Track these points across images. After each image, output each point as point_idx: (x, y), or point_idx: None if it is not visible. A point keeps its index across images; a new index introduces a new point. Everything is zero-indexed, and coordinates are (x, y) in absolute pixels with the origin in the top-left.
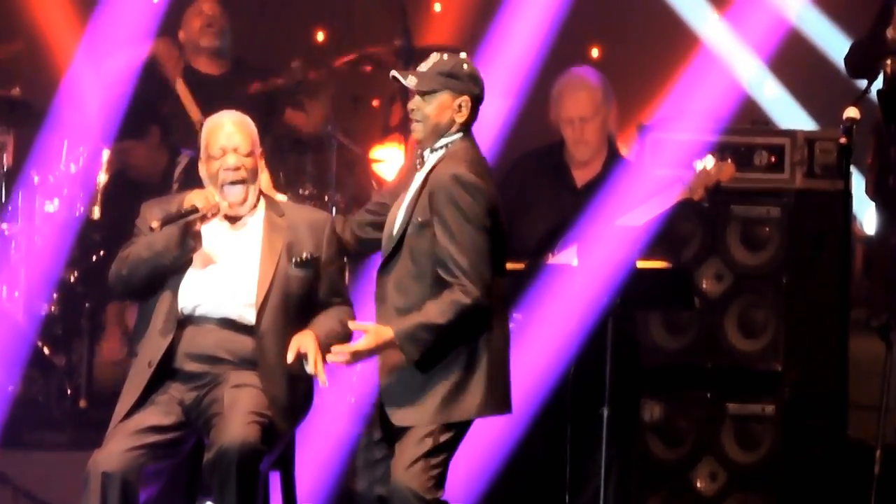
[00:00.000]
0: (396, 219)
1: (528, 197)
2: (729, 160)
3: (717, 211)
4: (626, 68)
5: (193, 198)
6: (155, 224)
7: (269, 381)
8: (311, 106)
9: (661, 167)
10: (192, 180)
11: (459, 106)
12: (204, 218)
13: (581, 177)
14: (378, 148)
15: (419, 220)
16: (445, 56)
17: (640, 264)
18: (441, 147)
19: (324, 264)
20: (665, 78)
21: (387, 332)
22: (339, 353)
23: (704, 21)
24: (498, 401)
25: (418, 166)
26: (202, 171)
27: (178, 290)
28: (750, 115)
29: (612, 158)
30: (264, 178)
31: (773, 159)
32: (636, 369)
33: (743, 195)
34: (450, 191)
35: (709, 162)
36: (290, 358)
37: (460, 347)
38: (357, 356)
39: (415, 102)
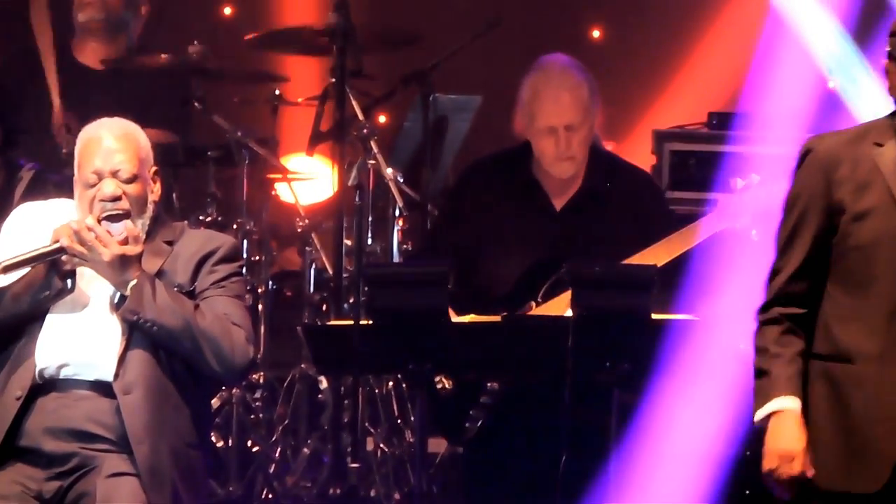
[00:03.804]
0: None
1: (490, 224)
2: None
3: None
4: (635, 53)
5: (60, 232)
6: None
7: (145, 448)
8: None
9: (685, 189)
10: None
11: None
12: (72, 259)
13: (560, 197)
14: (295, 157)
15: None
16: None
17: (657, 317)
18: None
19: (200, 294)
20: (688, 66)
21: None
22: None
23: None
24: None
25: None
26: (76, 200)
27: (36, 345)
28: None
29: (599, 169)
30: None
31: None
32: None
33: None
34: None
35: (754, 180)
36: None
37: None
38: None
39: None
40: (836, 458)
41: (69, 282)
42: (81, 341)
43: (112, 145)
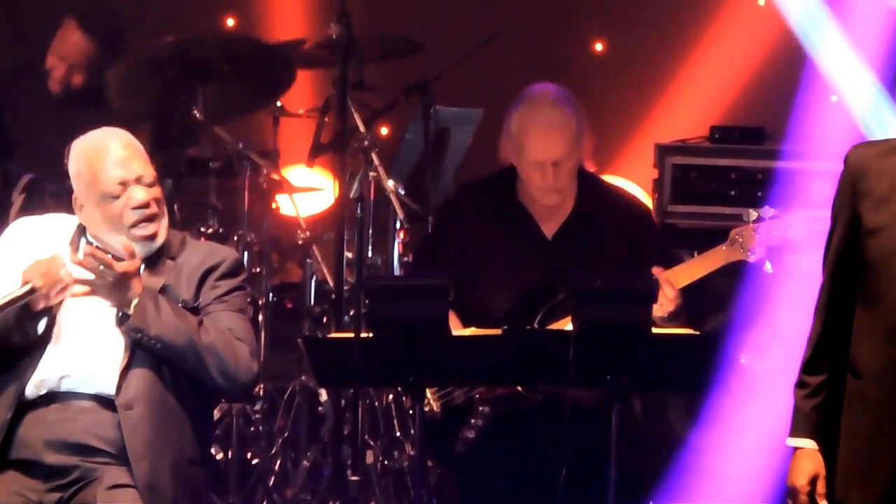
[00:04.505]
0: None
1: (479, 251)
2: (798, 215)
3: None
4: (637, 66)
5: (31, 273)
6: None
7: (145, 465)
8: None
9: (687, 203)
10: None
11: None
12: (47, 298)
13: (549, 223)
14: (295, 169)
15: None
16: None
17: (657, 331)
18: None
19: (204, 309)
20: (691, 79)
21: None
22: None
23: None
24: None
25: None
26: (93, 216)
27: (30, 363)
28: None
29: (587, 193)
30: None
31: None
32: (647, 471)
33: None
34: None
35: (766, 213)
36: None
37: None
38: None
39: None
40: (841, 467)
41: (42, 323)
42: (84, 354)
43: (126, 153)
